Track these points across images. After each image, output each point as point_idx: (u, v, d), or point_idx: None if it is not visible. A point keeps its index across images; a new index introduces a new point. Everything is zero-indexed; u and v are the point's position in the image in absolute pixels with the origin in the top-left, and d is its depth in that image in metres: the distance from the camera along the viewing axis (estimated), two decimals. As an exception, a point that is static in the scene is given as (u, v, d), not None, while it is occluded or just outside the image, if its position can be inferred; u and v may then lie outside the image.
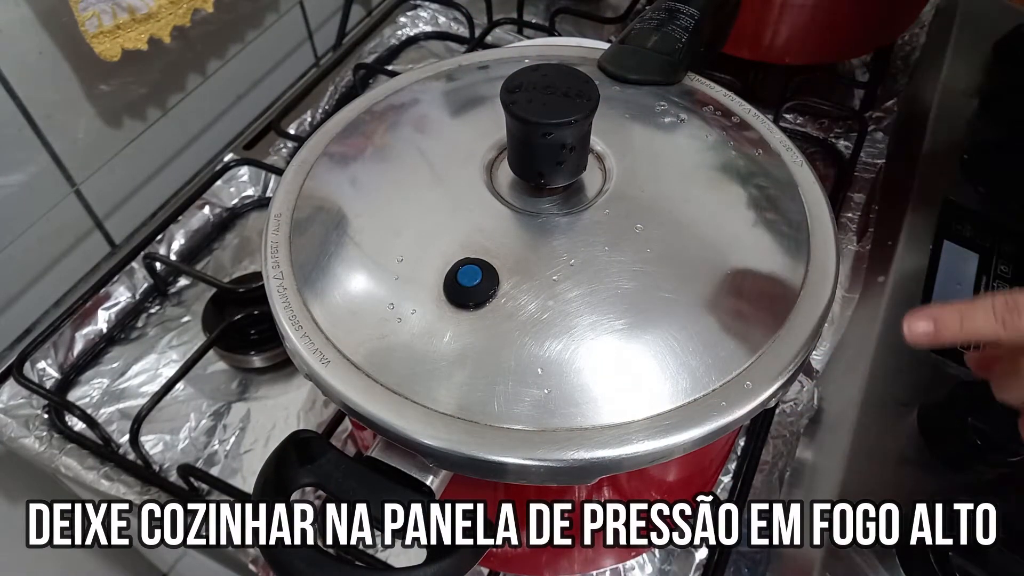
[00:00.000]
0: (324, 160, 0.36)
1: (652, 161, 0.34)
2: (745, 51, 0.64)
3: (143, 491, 0.47)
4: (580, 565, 0.42)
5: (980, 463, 0.41)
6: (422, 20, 0.77)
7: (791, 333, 0.29)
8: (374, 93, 0.39)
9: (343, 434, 0.49)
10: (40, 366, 0.52)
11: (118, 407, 0.52)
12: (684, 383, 0.27)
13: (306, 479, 0.28)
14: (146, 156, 0.62)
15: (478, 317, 0.28)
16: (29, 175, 0.53)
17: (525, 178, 0.32)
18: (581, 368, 0.27)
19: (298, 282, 0.31)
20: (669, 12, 0.40)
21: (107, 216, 0.61)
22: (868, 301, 0.52)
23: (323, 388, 0.28)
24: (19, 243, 0.54)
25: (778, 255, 0.31)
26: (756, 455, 0.47)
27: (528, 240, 0.31)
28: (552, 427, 0.26)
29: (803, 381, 0.50)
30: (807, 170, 0.35)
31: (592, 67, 0.39)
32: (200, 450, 0.50)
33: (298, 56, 0.76)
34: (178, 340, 0.55)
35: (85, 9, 0.49)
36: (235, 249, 0.61)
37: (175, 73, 0.62)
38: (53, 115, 0.53)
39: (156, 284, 0.57)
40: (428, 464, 0.28)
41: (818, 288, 0.31)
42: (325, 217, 0.33)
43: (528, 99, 0.29)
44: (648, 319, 0.28)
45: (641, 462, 0.26)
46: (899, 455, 0.42)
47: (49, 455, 0.48)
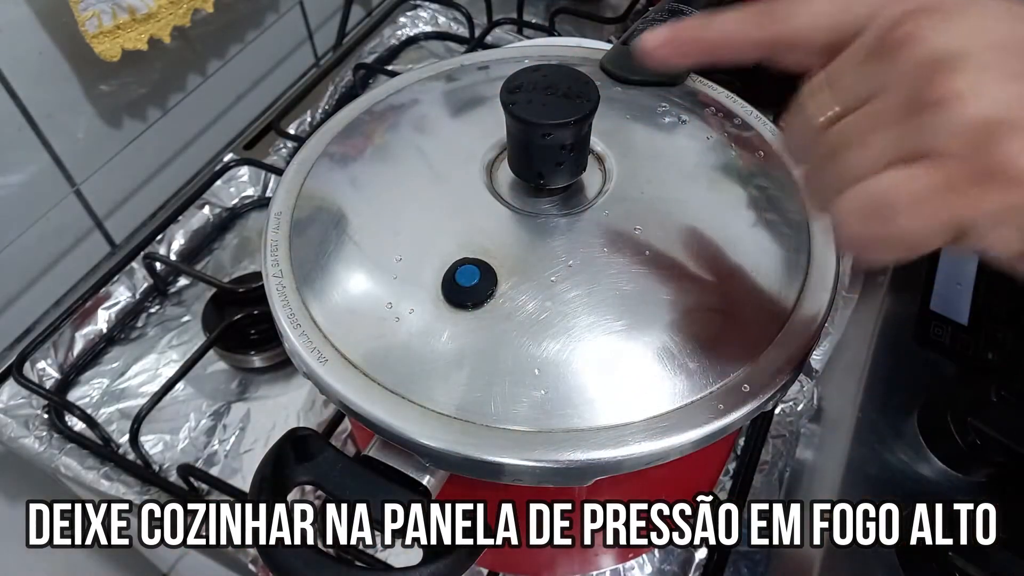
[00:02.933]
0: (324, 160, 0.36)
1: (652, 162, 0.34)
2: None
3: (143, 491, 0.47)
4: (580, 565, 0.42)
5: (980, 463, 0.41)
6: (422, 20, 0.77)
7: (790, 335, 0.29)
8: (374, 93, 0.39)
9: (343, 434, 0.49)
10: (40, 366, 0.52)
11: (118, 407, 0.52)
12: (682, 385, 0.27)
13: (303, 477, 0.28)
14: (146, 156, 0.63)
15: (476, 317, 0.28)
16: (29, 175, 0.53)
17: (525, 179, 0.32)
18: (579, 369, 0.27)
19: (297, 281, 0.31)
20: (671, 13, 0.40)
21: (107, 216, 0.61)
22: (868, 301, 0.52)
23: (321, 387, 0.28)
24: (19, 243, 0.55)
25: (778, 256, 0.31)
26: (756, 455, 0.47)
27: (527, 241, 0.31)
28: (549, 428, 0.26)
29: (803, 381, 0.50)
30: (807, 171, 0.35)
31: (592, 67, 0.39)
32: (200, 450, 0.50)
33: (298, 56, 0.76)
34: (178, 340, 0.55)
35: (85, 9, 0.49)
36: (235, 249, 0.61)
37: (175, 73, 0.62)
38: (53, 115, 0.53)
39: (156, 284, 0.57)
40: (425, 464, 0.28)
41: (818, 289, 0.31)
42: (325, 217, 0.33)
43: (528, 100, 0.29)
44: (646, 320, 0.28)
45: (638, 464, 0.26)
46: (899, 455, 0.42)
47: (49, 455, 0.48)
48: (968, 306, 0.47)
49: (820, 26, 0.24)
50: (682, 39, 0.26)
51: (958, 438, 0.40)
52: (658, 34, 0.27)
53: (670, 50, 0.27)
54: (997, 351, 0.44)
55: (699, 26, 0.26)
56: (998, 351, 0.44)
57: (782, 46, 0.25)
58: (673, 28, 0.26)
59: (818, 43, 0.24)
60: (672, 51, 0.27)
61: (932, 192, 0.20)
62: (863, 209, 0.21)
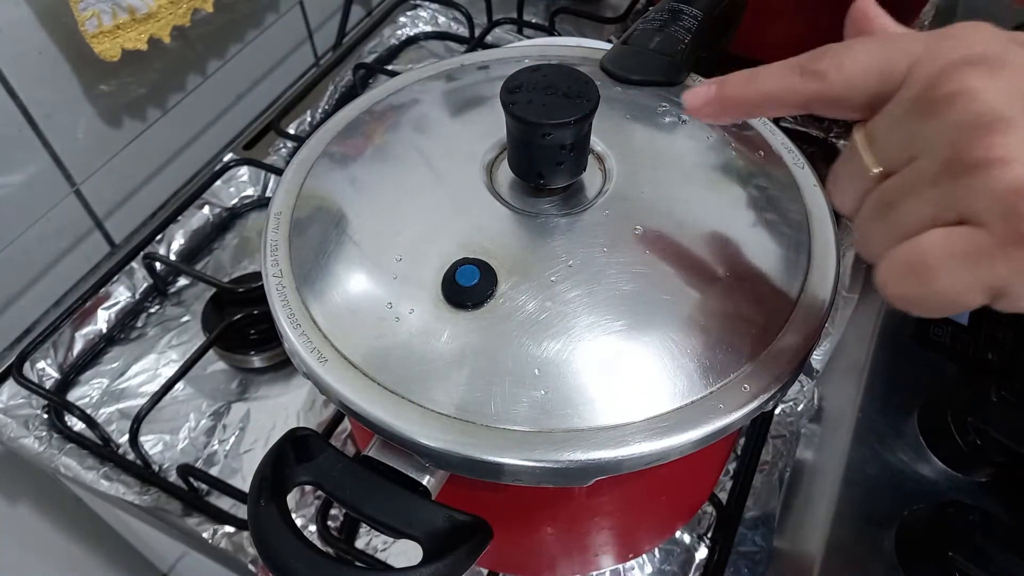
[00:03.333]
0: (324, 160, 0.36)
1: (652, 162, 0.34)
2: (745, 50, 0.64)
3: (143, 491, 0.47)
4: (580, 565, 0.42)
5: (980, 463, 0.41)
6: (422, 20, 0.77)
7: (790, 335, 0.29)
8: (374, 93, 0.39)
9: (343, 434, 0.49)
10: (40, 366, 0.52)
11: (118, 407, 0.52)
12: (682, 385, 0.27)
13: (303, 477, 0.28)
14: (146, 156, 0.63)
15: (476, 317, 0.28)
16: (29, 175, 0.53)
17: (525, 178, 0.32)
18: (579, 369, 0.27)
19: (297, 281, 0.31)
20: (672, 13, 0.40)
21: (107, 216, 0.61)
22: (868, 301, 0.52)
23: (321, 387, 0.28)
24: (19, 243, 0.55)
25: (778, 256, 0.31)
26: (756, 455, 0.47)
27: (527, 240, 0.31)
28: (549, 428, 0.26)
29: (803, 381, 0.50)
30: (808, 172, 0.35)
31: (592, 67, 0.39)
32: (200, 450, 0.50)
33: (298, 56, 0.76)
34: (178, 340, 0.55)
35: (85, 9, 0.49)
36: (235, 249, 0.61)
37: (175, 73, 0.62)
38: (53, 115, 0.53)
39: (156, 284, 0.57)
40: (425, 464, 0.28)
41: (818, 289, 0.31)
42: (325, 216, 0.33)
43: (528, 99, 0.29)
44: (646, 320, 0.28)
45: (638, 464, 0.26)
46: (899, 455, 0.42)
47: (49, 455, 0.48)
48: (968, 306, 0.47)
49: (861, 84, 0.23)
50: (726, 98, 0.26)
51: (958, 438, 0.40)
52: (702, 93, 0.27)
53: (714, 109, 0.27)
54: (997, 351, 0.44)
55: (742, 84, 0.26)
56: (998, 351, 0.44)
57: (824, 102, 0.24)
58: (718, 87, 0.26)
59: (860, 100, 0.24)
60: (717, 110, 0.27)
61: (969, 255, 0.20)
62: (903, 268, 0.21)
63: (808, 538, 0.41)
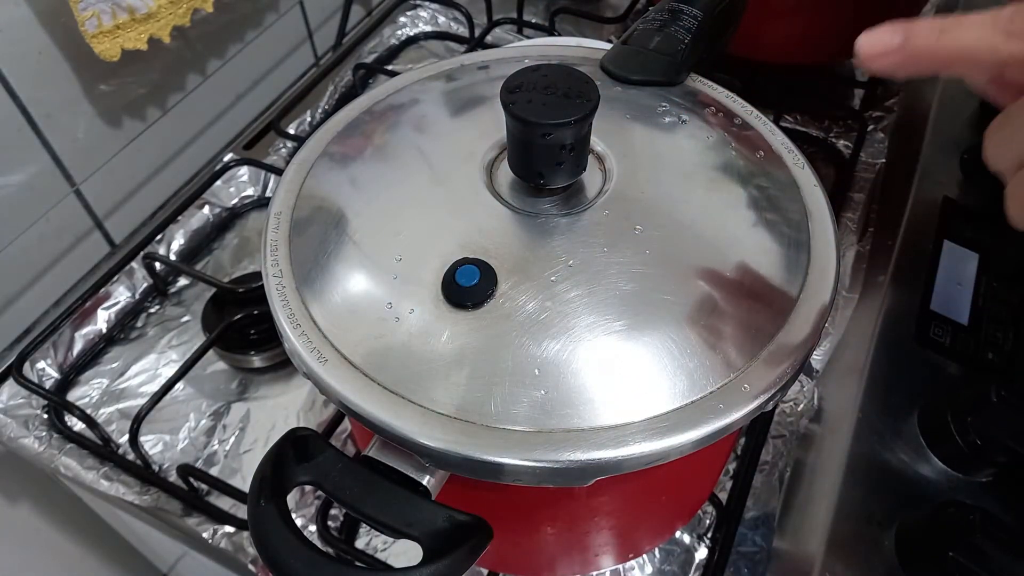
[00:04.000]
0: (324, 160, 0.36)
1: (652, 162, 0.34)
2: (745, 50, 0.64)
3: (142, 491, 0.47)
4: (580, 565, 0.42)
5: (980, 463, 0.41)
6: (422, 20, 0.77)
7: (790, 334, 0.29)
8: (374, 93, 0.39)
9: (343, 434, 0.49)
10: (40, 366, 0.52)
11: (118, 407, 0.52)
12: (682, 385, 0.27)
13: (303, 477, 0.28)
14: (146, 156, 0.63)
15: (476, 317, 0.28)
16: (29, 175, 0.53)
17: (525, 178, 0.32)
18: (579, 369, 0.27)
19: (297, 281, 0.31)
20: (672, 13, 0.40)
21: (107, 216, 0.61)
22: (868, 301, 0.52)
23: (321, 387, 0.28)
24: (19, 243, 0.55)
25: (778, 256, 0.31)
26: (756, 455, 0.47)
27: (527, 240, 0.31)
28: (549, 428, 0.26)
29: (803, 381, 0.50)
30: (808, 172, 0.35)
31: (592, 67, 0.39)
32: (200, 450, 0.50)
33: (298, 56, 0.76)
34: (178, 340, 0.55)
35: (85, 9, 0.49)
36: (235, 249, 0.61)
37: (175, 73, 0.62)
38: (53, 115, 0.53)
39: (156, 284, 0.57)
40: (425, 464, 0.27)
41: (818, 288, 0.31)
42: (325, 216, 0.33)
43: (528, 99, 0.29)
44: (646, 320, 0.28)
45: (638, 464, 0.26)
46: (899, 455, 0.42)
47: (49, 455, 0.48)
48: (968, 306, 0.47)
49: None
50: (913, 49, 0.23)
51: (958, 438, 0.40)
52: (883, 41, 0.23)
53: (895, 60, 0.23)
54: (997, 351, 0.44)
55: (934, 36, 0.22)
56: (998, 351, 0.44)
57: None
58: (904, 33, 0.23)
59: None
60: (899, 61, 0.23)
61: None
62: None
63: (808, 538, 0.40)
